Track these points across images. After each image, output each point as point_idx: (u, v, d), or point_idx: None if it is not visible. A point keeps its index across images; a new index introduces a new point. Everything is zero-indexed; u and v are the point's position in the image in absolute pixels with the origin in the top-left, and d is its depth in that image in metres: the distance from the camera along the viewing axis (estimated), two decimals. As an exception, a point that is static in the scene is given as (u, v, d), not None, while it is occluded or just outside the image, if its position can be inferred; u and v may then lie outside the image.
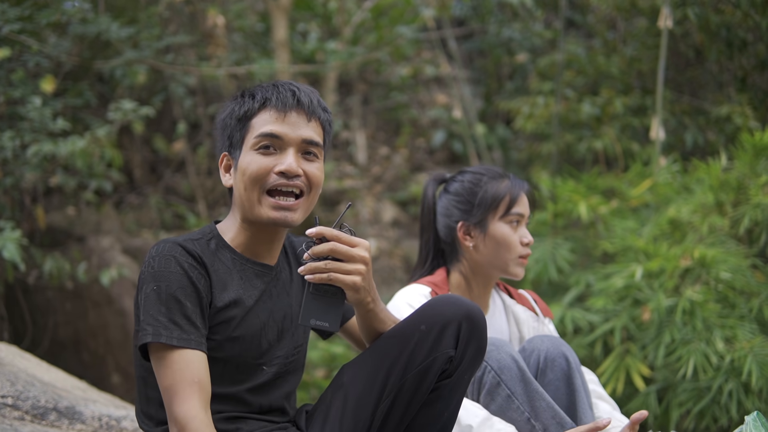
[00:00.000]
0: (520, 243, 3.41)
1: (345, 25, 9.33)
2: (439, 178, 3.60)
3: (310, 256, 2.36)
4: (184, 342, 2.40)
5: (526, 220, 3.45)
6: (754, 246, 5.60)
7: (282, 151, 2.56)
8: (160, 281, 2.44)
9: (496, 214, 3.41)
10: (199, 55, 8.33)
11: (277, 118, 2.56)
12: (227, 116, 2.65)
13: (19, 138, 6.18)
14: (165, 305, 2.42)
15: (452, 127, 9.66)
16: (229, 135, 2.63)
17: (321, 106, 2.65)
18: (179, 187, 8.48)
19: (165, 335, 2.39)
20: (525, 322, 3.53)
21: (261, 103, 2.59)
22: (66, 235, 7.38)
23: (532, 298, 3.65)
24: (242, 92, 2.67)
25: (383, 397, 2.48)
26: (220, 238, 2.64)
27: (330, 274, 2.35)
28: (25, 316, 6.74)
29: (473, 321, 2.51)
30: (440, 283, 3.42)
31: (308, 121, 2.60)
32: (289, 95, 2.59)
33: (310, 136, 2.59)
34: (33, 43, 6.67)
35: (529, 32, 9.86)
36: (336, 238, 2.36)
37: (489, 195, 3.43)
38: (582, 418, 3.16)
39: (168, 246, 2.50)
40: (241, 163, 2.58)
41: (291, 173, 2.54)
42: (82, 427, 3.50)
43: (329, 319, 2.38)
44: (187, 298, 2.44)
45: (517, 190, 3.44)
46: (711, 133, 7.87)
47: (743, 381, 4.95)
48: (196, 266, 2.49)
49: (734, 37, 7.53)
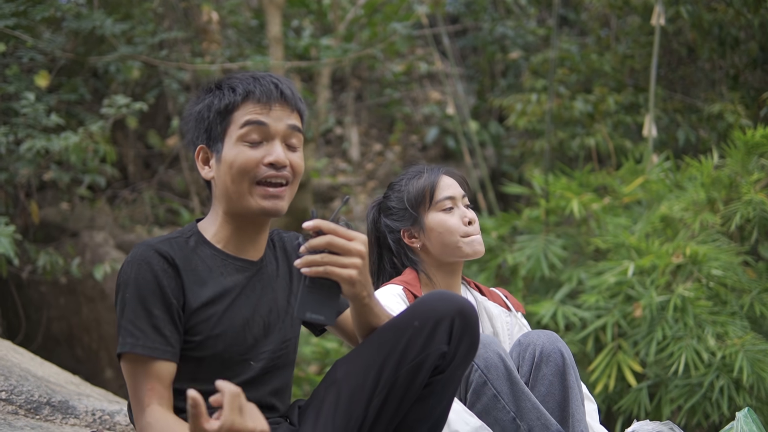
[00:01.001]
0: (461, 223, 3.42)
1: (339, 22, 9.34)
2: (377, 202, 3.65)
3: (306, 249, 2.34)
4: (149, 351, 2.42)
5: (461, 200, 3.46)
6: (746, 243, 5.63)
7: (268, 142, 2.56)
8: (130, 288, 2.46)
9: (425, 208, 3.45)
10: (194, 50, 8.34)
11: (262, 110, 2.56)
12: (204, 108, 2.63)
13: (13, 133, 6.18)
14: (134, 313, 2.44)
15: (445, 123, 9.67)
16: (207, 128, 2.61)
17: (299, 98, 2.67)
18: (173, 182, 8.48)
19: (130, 343, 2.42)
20: (498, 318, 3.53)
21: (243, 96, 2.58)
22: (60, 230, 7.38)
23: (503, 294, 3.66)
24: (218, 84, 2.65)
25: (376, 393, 2.47)
26: (200, 235, 2.63)
27: (326, 268, 2.33)
28: (18, 310, 6.74)
29: (466, 317, 2.51)
30: (411, 281, 3.43)
31: (291, 111, 2.61)
32: (273, 87, 2.59)
33: (294, 123, 2.60)
34: (27, 39, 6.67)
35: (522, 29, 9.87)
36: (333, 231, 2.34)
37: (412, 194, 3.48)
38: (574, 414, 3.17)
39: (141, 250, 2.50)
40: (227, 155, 2.56)
41: (280, 164, 2.54)
42: (75, 421, 3.50)
43: (325, 313, 2.37)
44: (155, 305, 2.45)
45: (434, 177, 3.47)
46: (703, 130, 7.90)
47: (734, 377, 4.98)
48: (167, 269, 2.48)
49: (726, 35, 7.55)
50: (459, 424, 2.96)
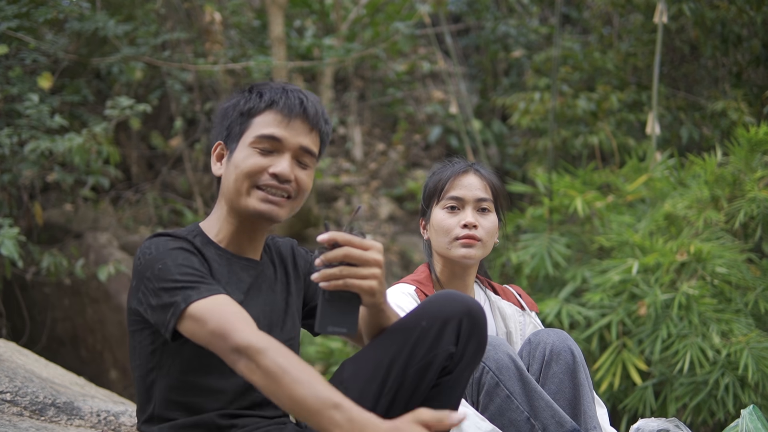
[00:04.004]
0: (458, 225, 3.37)
1: (341, 22, 9.35)
2: None
3: (322, 262, 2.30)
4: (214, 291, 2.38)
5: (472, 203, 3.39)
6: (750, 240, 5.62)
7: (279, 153, 2.57)
8: (164, 258, 2.43)
9: (436, 202, 3.42)
10: (196, 51, 8.34)
11: (281, 122, 2.57)
12: (230, 107, 2.66)
13: (17, 135, 6.19)
14: (179, 273, 2.40)
15: (448, 122, 9.67)
16: (228, 125, 2.64)
17: (324, 118, 2.66)
18: (176, 183, 8.48)
19: (195, 295, 2.35)
20: (511, 317, 3.51)
21: (267, 104, 2.60)
22: (63, 231, 7.39)
23: (516, 293, 3.64)
24: (251, 87, 2.68)
25: (384, 393, 2.47)
26: (204, 236, 2.64)
27: (346, 280, 2.29)
28: (23, 312, 6.75)
29: (474, 318, 2.50)
30: (424, 280, 3.42)
31: (310, 131, 2.61)
32: (297, 102, 2.60)
33: (308, 145, 2.60)
34: (30, 40, 6.68)
35: (525, 28, 9.87)
36: (349, 243, 2.30)
37: (429, 186, 3.46)
38: (586, 411, 3.17)
39: (159, 236, 2.53)
40: (236, 156, 2.59)
41: (283, 178, 2.55)
42: (80, 422, 3.50)
43: (347, 325, 2.32)
44: (194, 263, 2.45)
45: (449, 174, 3.42)
46: (706, 128, 7.89)
47: (739, 375, 4.97)
48: (192, 249, 2.51)
49: (729, 33, 7.55)
50: (471, 429, 2.96)
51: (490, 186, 3.43)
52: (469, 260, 3.37)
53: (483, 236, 3.37)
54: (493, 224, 3.40)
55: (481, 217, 3.38)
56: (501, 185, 3.51)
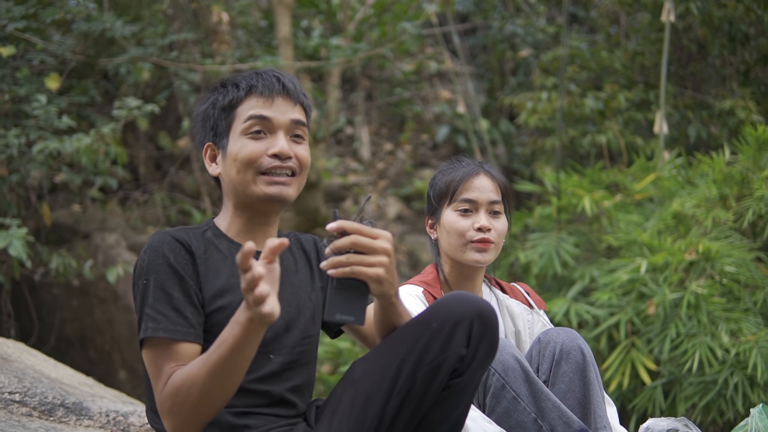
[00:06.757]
0: (472, 228, 3.34)
1: (348, 21, 9.34)
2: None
3: (332, 250, 2.32)
4: (171, 333, 2.43)
5: (485, 206, 3.35)
6: (758, 239, 5.61)
7: (272, 134, 2.59)
8: (149, 274, 2.47)
9: (447, 203, 3.39)
10: (203, 51, 8.35)
11: (265, 103, 2.59)
12: (209, 107, 2.67)
13: (25, 135, 6.20)
14: (154, 298, 2.45)
15: (456, 122, 9.67)
16: (213, 125, 2.65)
17: (302, 92, 2.69)
18: (184, 183, 8.50)
19: (152, 328, 2.42)
20: (519, 316, 3.50)
21: (246, 91, 2.62)
22: (72, 232, 7.40)
23: (525, 291, 3.62)
24: (222, 83, 2.70)
25: (393, 395, 2.46)
26: (216, 229, 2.66)
27: (353, 268, 2.30)
28: (31, 313, 6.76)
29: (485, 319, 2.48)
30: (431, 281, 3.40)
31: (294, 105, 2.64)
32: (274, 81, 2.62)
33: (297, 117, 2.62)
34: (38, 41, 6.69)
35: (532, 27, 9.86)
36: (357, 231, 2.31)
37: (438, 186, 3.42)
38: (596, 411, 3.16)
39: (158, 237, 2.54)
40: (231, 149, 2.60)
41: (284, 155, 2.56)
42: (89, 422, 3.51)
43: (354, 313, 2.34)
44: (174, 288, 2.47)
45: (465, 175, 3.38)
46: (714, 127, 7.88)
47: (749, 374, 4.96)
48: (184, 255, 2.51)
49: (737, 31, 7.54)
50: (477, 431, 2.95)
51: (501, 187, 3.41)
52: (482, 264, 3.36)
53: (496, 239, 3.35)
54: (504, 226, 3.39)
55: (493, 219, 3.36)
56: (509, 185, 3.50)
